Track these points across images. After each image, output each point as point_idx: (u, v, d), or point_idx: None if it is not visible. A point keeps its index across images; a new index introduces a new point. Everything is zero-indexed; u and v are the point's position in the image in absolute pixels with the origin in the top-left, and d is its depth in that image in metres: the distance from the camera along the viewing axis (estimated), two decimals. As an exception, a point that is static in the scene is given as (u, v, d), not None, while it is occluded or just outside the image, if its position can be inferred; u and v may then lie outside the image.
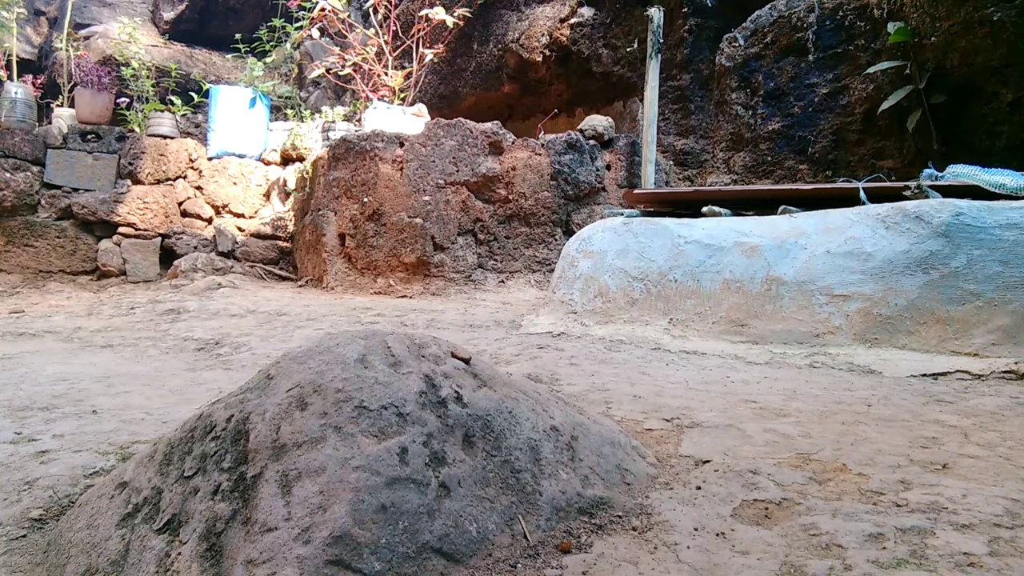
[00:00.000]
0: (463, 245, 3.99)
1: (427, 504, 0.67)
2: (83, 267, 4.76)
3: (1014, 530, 0.67)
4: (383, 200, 3.89)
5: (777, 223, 2.11)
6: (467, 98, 6.12)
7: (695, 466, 0.91)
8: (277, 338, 2.35)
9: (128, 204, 4.83)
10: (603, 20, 5.15)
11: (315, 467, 0.67)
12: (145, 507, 0.73)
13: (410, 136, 3.97)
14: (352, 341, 0.84)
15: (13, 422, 1.23)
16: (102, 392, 1.51)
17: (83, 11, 7.06)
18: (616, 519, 0.75)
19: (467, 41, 5.86)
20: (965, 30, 2.62)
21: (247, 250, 4.88)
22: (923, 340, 1.71)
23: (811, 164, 3.50)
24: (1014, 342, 1.60)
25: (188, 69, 6.84)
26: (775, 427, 1.10)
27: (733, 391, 1.42)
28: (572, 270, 2.49)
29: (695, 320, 2.09)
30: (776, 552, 0.65)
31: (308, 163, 4.71)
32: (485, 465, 0.75)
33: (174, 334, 2.48)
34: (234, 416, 0.76)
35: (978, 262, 1.68)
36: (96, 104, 5.25)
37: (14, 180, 4.64)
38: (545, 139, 4.21)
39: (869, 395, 1.36)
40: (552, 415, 0.89)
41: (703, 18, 4.56)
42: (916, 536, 0.66)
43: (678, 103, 4.74)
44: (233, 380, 1.65)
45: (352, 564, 0.60)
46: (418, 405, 0.76)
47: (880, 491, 0.79)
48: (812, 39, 3.43)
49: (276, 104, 6.29)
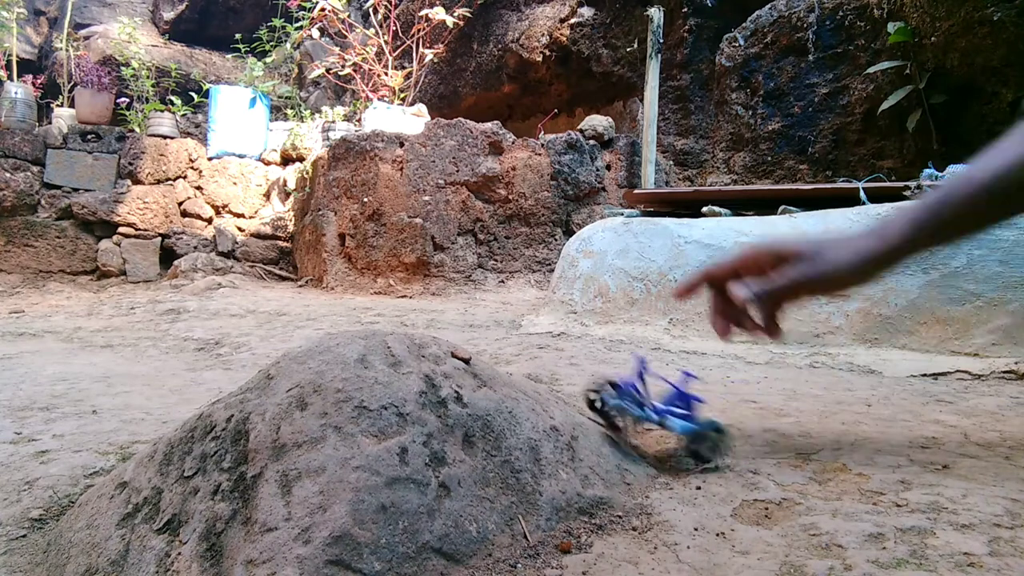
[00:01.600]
0: (463, 245, 3.99)
1: (427, 504, 0.67)
2: (83, 267, 4.76)
3: (1014, 530, 0.67)
4: (383, 200, 3.89)
5: (777, 223, 2.11)
6: (467, 98, 6.12)
7: (695, 466, 0.91)
8: (277, 338, 2.35)
9: (128, 204, 4.83)
10: (603, 20, 5.15)
11: (315, 467, 0.67)
12: (145, 507, 0.73)
13: (410, 136, 3.97)
14: (352, 341, 0.84)
15: (13, 422, 1.23)
16: (102, 392, 1.51)
17: (83, 11, 7.07)
18: (616, 519, 0.75)
19: (467, 41, 5.86)
20: (965, 30, 2.62)
21: (247, 250, 4.88)
22: (923, 340, 1.71)
23: (811, 164, 3.50)
24: (1014, 342, 1.60)
25: (188, 69, 6.85)
26: (775, 427, 1.10)
27: (733, 391, 1.42)
28: (572, 270, 2.49)
29: (695, 320, 2.09)
30: (776, 552, 0.65)
31: (308, 163, 4.71)
32: (485, 465, 0.75)
33: (174, 334, 2.48)
34: (234, 416, 0.76)
35: (978, 262, 1.68)
36: (96, 104, 5.25)
37: (14, 180, 4.64)
38: (545, 139, 4.21)
39: (869, 395, 1.36)
40: (552, 415, 0.89)
41: (703, 18, 4.56)
42: (916, 536, 0.66)
43: (678, 103, 4.74)
44: (233, 380, 1.65)
45: (352, 564, 0.60)
46: (418, 405, 0.76)
47: (880, 491, 0.79)
48: (812, 39, 3.43)
49: (276, 104, 6.29)
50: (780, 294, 0.78)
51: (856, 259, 0.76)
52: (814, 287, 0.77)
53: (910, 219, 0.75)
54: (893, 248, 0.75)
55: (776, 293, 0.78)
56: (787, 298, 0.78)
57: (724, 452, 0.90)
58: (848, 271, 0.76)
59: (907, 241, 0.75)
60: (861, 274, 0.76)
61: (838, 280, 0.76)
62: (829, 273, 0.76)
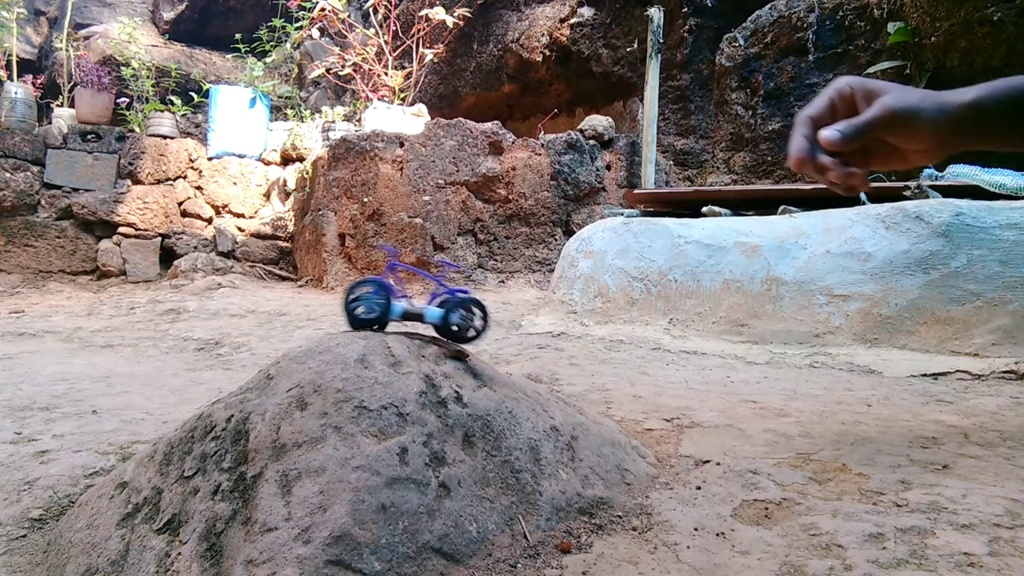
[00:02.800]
0: (463, 245, 3.99)
1: (427, 504, 0.67)
2: (83, 267, 4.76)
3: (1014, 530, 0.67)
4: (383, 200, 3.89)
5: (777, 223, 2.11)
6: (467, 98, 6.12)
7: (695, 466, 0.91)
8: (277, 338, 2.35)
9: (128, 204, 4.83)
10: (603, 20, 5.15)
11: (315, 467, 0.67)
12: (145, 507, 0.73)
13: (410, 136, 3.97)
14: (352, 341, 0.84)
15: (13, 422, 1.23)
16: (102, 392, 1.51)
17: (83, 11, 7.06)
18: (616, 519, 0.75)
19: (467, 41, 5.86)
20: (965, 30, 2.62)
21: (247, 250, 4.88)
22: (923, 340, 1.71)
23: (811, 164, 3.49)
24: (1014, 342, 1.60)
25: (188, 69, 6.85)
26: (775, 427, 1.10)
27: (733, 391, 1.42)
28: (572, 270, 2.49)
29: (695, 320, 2.09)
30: (776, 552, 0.65)
31: (308, 163, 4.71)
32: (485, 465, 0.75)
33: (174, 334, 2.48)
34: (234, 416, 0.76)
35: (978, 262, 1.68)
36: (96, 104, 5.25)
37: (14, 180, 4.64)
38: (545, 139, 4.21)
39: (869, 395, 1.36)
40: (552, 415, 0.89)
41: (703, 18, 4.56)
42: (916, 536, 0.66)
43: (678, 103, 4.74)
44: (233, 380, 1.65)
45: (352, 564, 0.60)
46: (418, 405, 0.76)
47: (880, 491, 0.79)
48: (812, 39, 3.43)
49: (276, 104, 6.29)
50: (865, 127, 0.78)
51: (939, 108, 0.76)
52: (896, 121, 0.77)
53: (975, 95, 0.76)
54: (964, 115, 0.76)
55: (862, 126, 0.78)
56: (872, 130, 0.78)
57: (478, 320, 0.90)
58: (929, 115, 0.76)
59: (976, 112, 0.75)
60: (937, 122, 0.76)
61: (918, 119, 0.76)
62: (912, 107, 0.76)
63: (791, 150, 0.81)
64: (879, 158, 0.83)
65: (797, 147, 0.81)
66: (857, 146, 0.79)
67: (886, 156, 0.83)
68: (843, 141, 0.78)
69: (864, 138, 0.78)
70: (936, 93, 0.78)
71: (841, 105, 0.83)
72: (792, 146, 0.82)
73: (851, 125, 0.78)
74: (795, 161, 0.81)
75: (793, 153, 0.81)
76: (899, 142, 0.80)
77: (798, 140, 0.81)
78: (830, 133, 0.78)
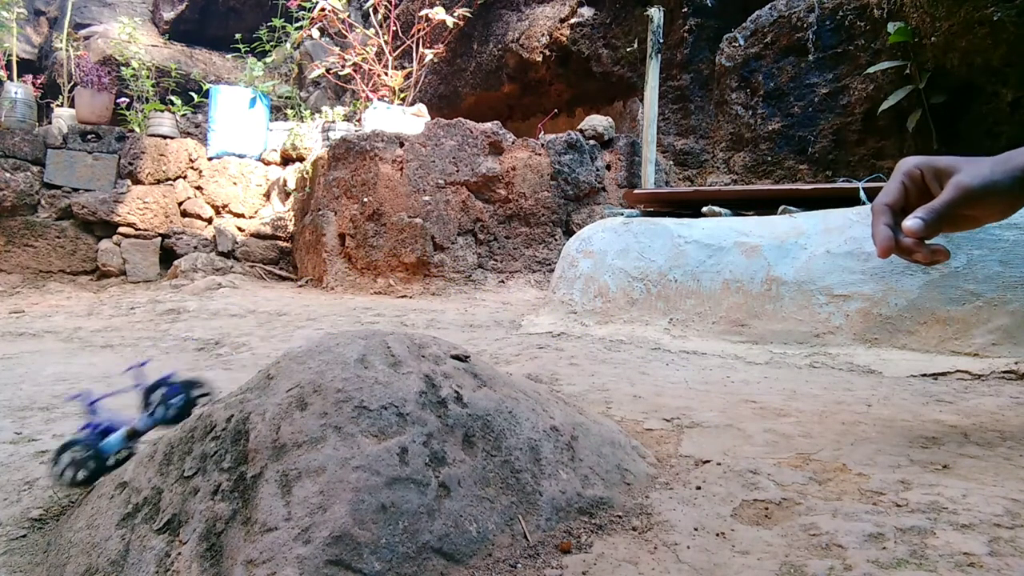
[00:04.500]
0: (463, 245, 3.99)
1: (427, 504, 0.67)
2: (83, 267, 4.76)
3: (1014, 530, 0.67)
4: (383, 200, 3.89)
5: (777, 223, 2.11)
6: (467, 98, 6.12)
7: (695, 466, 0.91)
8: (277, 338, 2.35)
9: (128, 204, 4.83)
10: (603, 20, 5.15)
11: (315, 467, 0.67)
12: (145, 507, 0.73)
13: (410, 136, 3.97)
14: (352, 341, 0.84)
15: (13, 422, 1.23)
16: (102, 392, 1.51)
17: (83, 11, 7.07)
18: (616, 519, 0.75)
19: (467, 41, 5.86)
20: (965, 30, 2.62)
21: (247, 250, 4.89)
22: (923, 340, 1.71)
23: (811, 164, 3.50)
24: (1014, 342, 1.60)
25: (188, 69, 6.85)
26: (775, 427, 1.10)
27: (733, 391, 1.42)
28: (572, 270, 2.49)
29: (695, 320, 2.09)
30: (776, 552, 0.65)
31: (308, 163, 4.71)
32: (485, 465, 0.75)
33: (174, 334, 2.48)
34: (234, 416, 0.76)
35: (978, 262, 1.68)
36: (96, 104, 5.25)
37: (14, 180, 4.64)
38: (545, 139, 4.21)
39: (869, 395, 1.36)
40: (552, 415, 0.89)
41: (703, 18, 4.56)
42: (916, 536, 0.66)
43: (678, 103, 4.74)
44: (233, 380, 1.65)
45: (352, 564, 0.60)
46: (418, 405, 0.76)
47: (880, 491, 0.79)
48: (812, 39, 3.43)
49: (276, 104, 6.29)
50: (946, 211, 0.79)
51: (1011, 175, 0.77)
52: (973, 198, 0.78)
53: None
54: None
55: (943, 211, 0.79)
56: (952, 211, 0.79)
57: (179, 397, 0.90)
58: (1005, 185, 0.77)
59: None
60: (1013, 189, 0.77)
61: (994, 191, 0.77)
62: (988, 181, 0.77)
63: (876, 240, 0.84)
64: (952, 226, 0.85)
65: (882, 237, 0.83)
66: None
67: (960, 223, 0.85)
68: (927, 230, 0.80)
69: (946, 222, 0.80)
70: (1004, 159, 0.79)
71: (912, 187, 0.85)
72: (877, 237, 0.84)
73: (932, 212, 0.80)
74: (882, 250, 0.83)
75: (879, 243, 0.83)
76: (977, 214, 0.81)
77: (882, 230, 0.84)
78: (914, 223, 0.80)
